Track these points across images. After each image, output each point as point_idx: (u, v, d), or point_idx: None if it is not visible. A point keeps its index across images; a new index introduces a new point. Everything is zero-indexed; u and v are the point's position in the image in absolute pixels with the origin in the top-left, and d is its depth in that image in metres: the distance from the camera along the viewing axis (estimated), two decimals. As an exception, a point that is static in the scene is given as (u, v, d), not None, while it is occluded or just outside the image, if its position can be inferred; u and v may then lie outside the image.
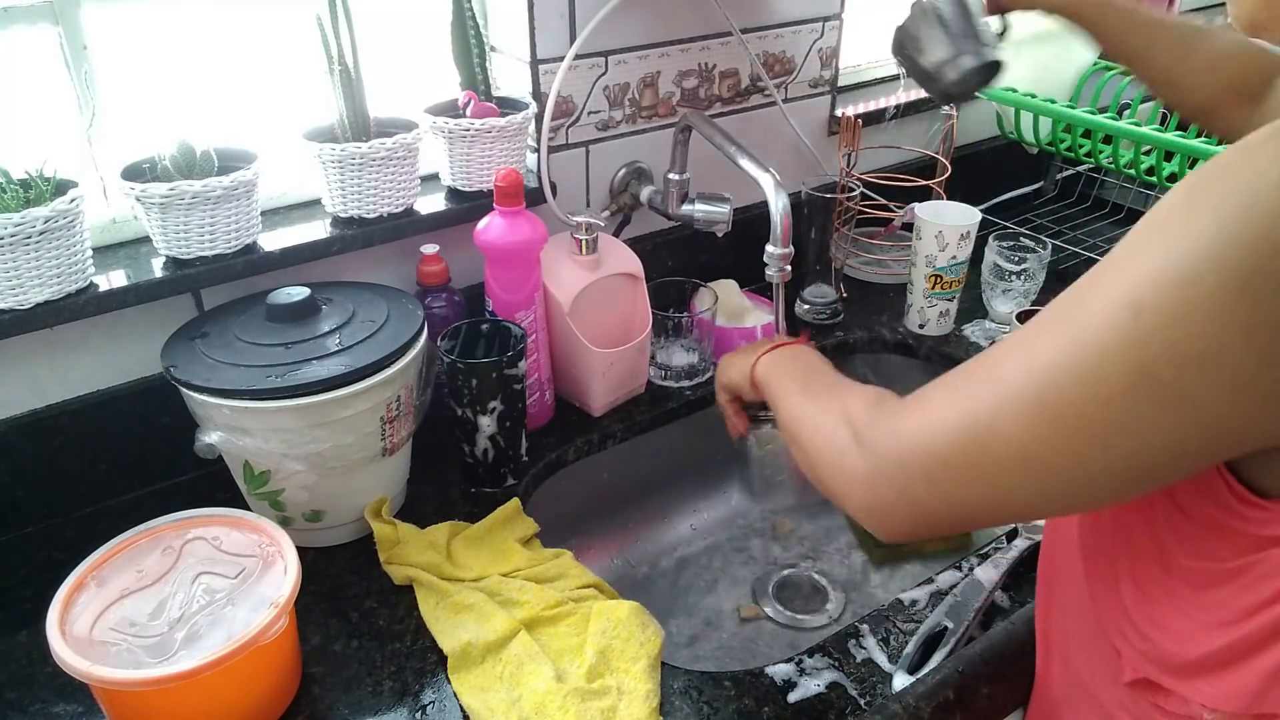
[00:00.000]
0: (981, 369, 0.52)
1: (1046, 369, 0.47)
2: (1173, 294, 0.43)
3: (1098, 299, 0.46)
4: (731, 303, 1.26)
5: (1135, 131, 1.27)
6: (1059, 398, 0.47)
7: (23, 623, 0.84)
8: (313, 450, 0.85)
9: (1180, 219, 0.44)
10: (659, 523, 1.20)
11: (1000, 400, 0.49)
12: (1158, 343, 0.44)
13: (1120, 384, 0.45)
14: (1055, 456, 0.48)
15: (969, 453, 0.51)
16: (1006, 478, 0.50)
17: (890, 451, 0.55)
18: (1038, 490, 0.50)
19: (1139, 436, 0.46)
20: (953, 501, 0.53)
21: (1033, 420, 0.48)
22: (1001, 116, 1.49)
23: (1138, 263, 0.45)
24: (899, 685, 0.77)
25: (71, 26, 0.89)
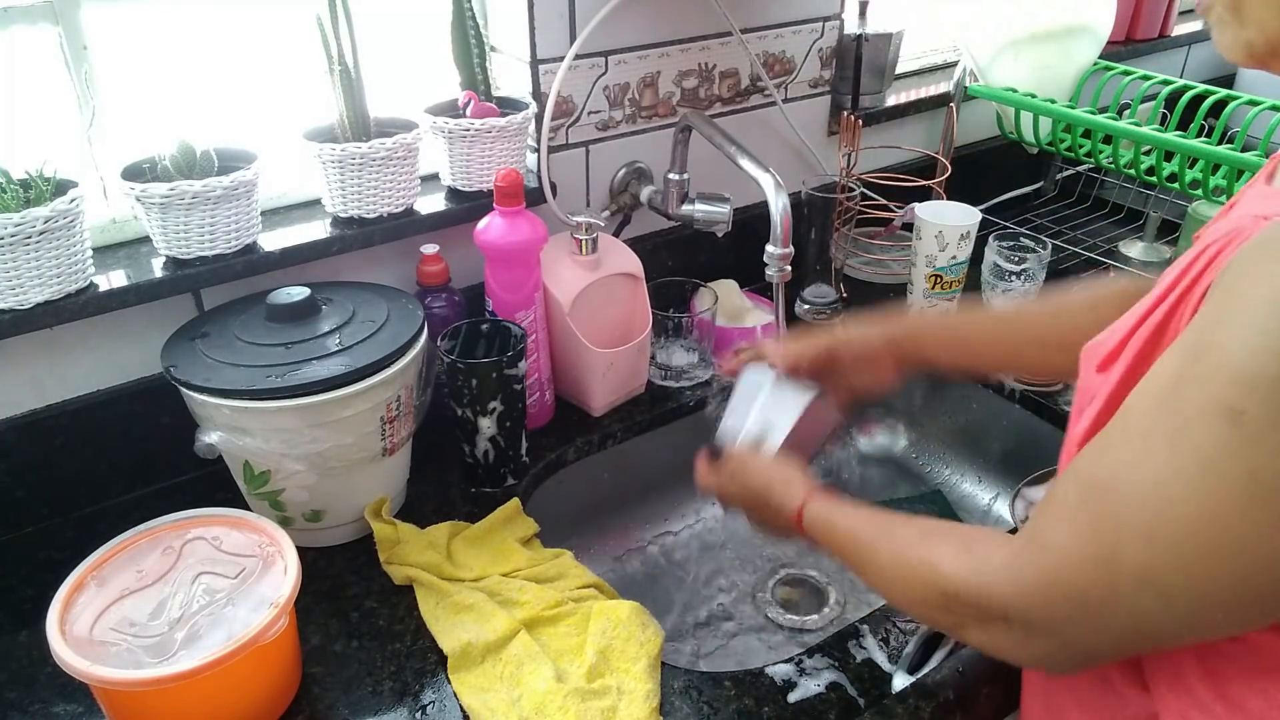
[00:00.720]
0: (1092, 496, 0.49)
1: (1159, 489, 0.45)
2: (1270, 394, 0.41)
3: (1193, 403, 0.44)
4: (731, 303, 1.26)
5: (1135, 131, 1.27)
6: (1179, 522, 0.45)
7: (23, 623, 0.84)
8: (313, 450, 0.85)
9: (1264, 303, 0.42)
10: (659, 523, 1.20)
11: (1116, 528, 0.47)
12: (1265, 449, 0.42)
13: (1229, 497, 0.43)
14: (1183, 585, 0.46)
15: (1104, 588, 0.48)
16: (1142, 607, 0.47)
17: (1029, 611, 0.52)
18: (1169, 614, 0.47)
19: (1258, 549, 0.43)
20: (1107, 633, 0.50)
21: (1151, 545, 0.46)
22: (1001, 116, 1.49)
23: (1229, 361, 0.43)
24: (899, 685, 0.77)
25: (71, 26, 0.89)
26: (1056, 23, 1.42)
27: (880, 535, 0.65)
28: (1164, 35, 1.80)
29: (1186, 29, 1.85)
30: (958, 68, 1.45)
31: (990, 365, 0.91)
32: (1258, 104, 1.33)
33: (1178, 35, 1.82)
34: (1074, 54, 1.47)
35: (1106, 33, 1.48)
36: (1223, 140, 1.24)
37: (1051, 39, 1.43)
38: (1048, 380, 1.15)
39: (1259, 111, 1.32)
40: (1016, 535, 0.55)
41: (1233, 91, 1.36)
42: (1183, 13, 1.88)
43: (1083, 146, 1.39)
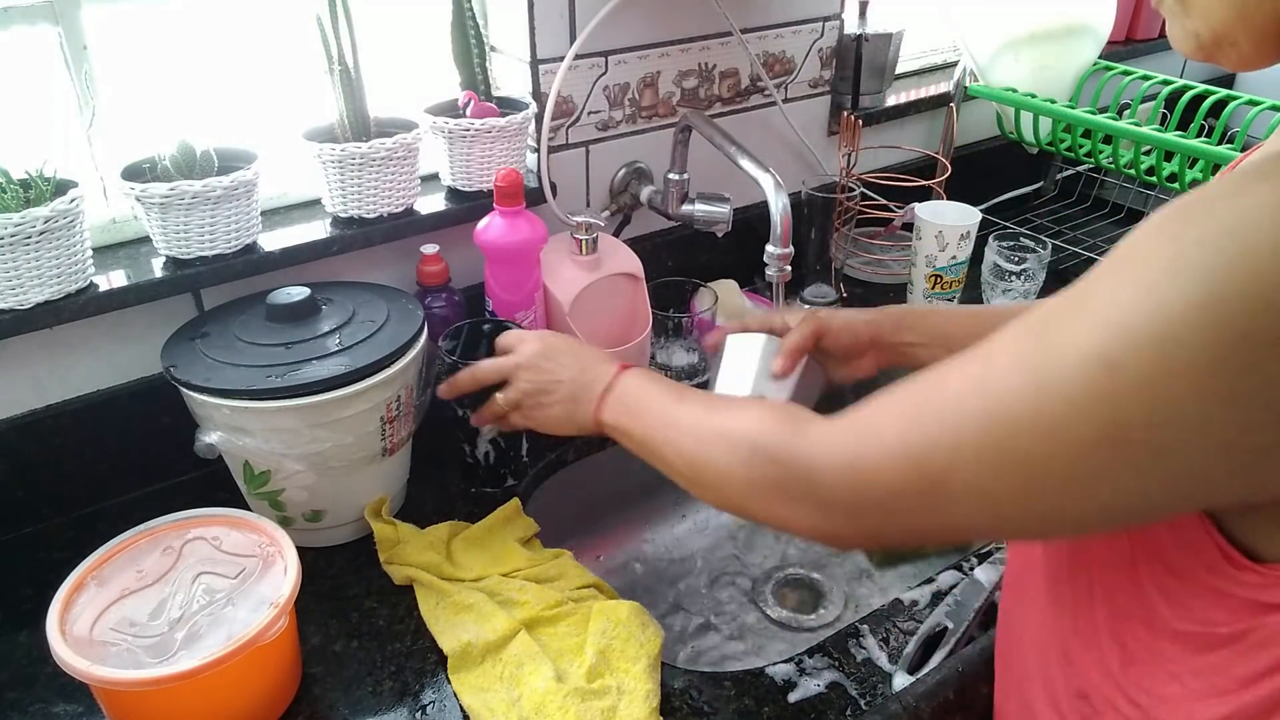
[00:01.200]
0: (938, 400, 0.49)
1: (1008, 417, 0.45)
2: (1152, 354, 0.41)
3: (1068, 346, 0.44)
4: (731, 303, 1.26)
5: (1135, 131, 1.27)
6: (1021, 447, 0.45)
7: (23, 623, 0.84)
8: (313, 450, 0.85)
9: (1161, 264, 0.41)
10: (659, 523, 1.21)
11: (957, 443, 0.47)
12: (1133, 404, 0.42)
13: (1088, 440, 0.43)
14: (1015, 502, 0.47)
15: (922, 489, 0.49)
16: (962, 511, 0.48)
17: (839, 486, 0.53)
18: (993, 524, 0.49)
19: (1104, 491, 0.44)
20: (906, 526, 0.52)
21: (993, 468, 0.46)
22: (1001, 116, 1.49)
23: (1114, 312, 0.42)
24: (899, 685, 0.77)
25: (71, 26, 0.89)
26: (1057, 23, 1.42)
27: (681, 398, 0.66)
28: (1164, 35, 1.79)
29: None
30: (957, 68, 1.45)
31: None
32: (1258, 104, 1.33)
33: (1178, 35, 1.82)
34: (1074, 54, 1.47)
35: (1107, 32, 1.48)
36: (1223, 140, 1.24)
37: (1052, 39, 1.43)
38: None
39: (1259, 111, 1.32)
40: (838, 418, 0.55)
41: (1233, 91, 1.36)
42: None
43: (1083, 146, 1.39)
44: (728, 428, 0.61)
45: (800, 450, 0.55)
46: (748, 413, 0.61)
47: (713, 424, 0.63)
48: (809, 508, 0.55)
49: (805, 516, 0.55)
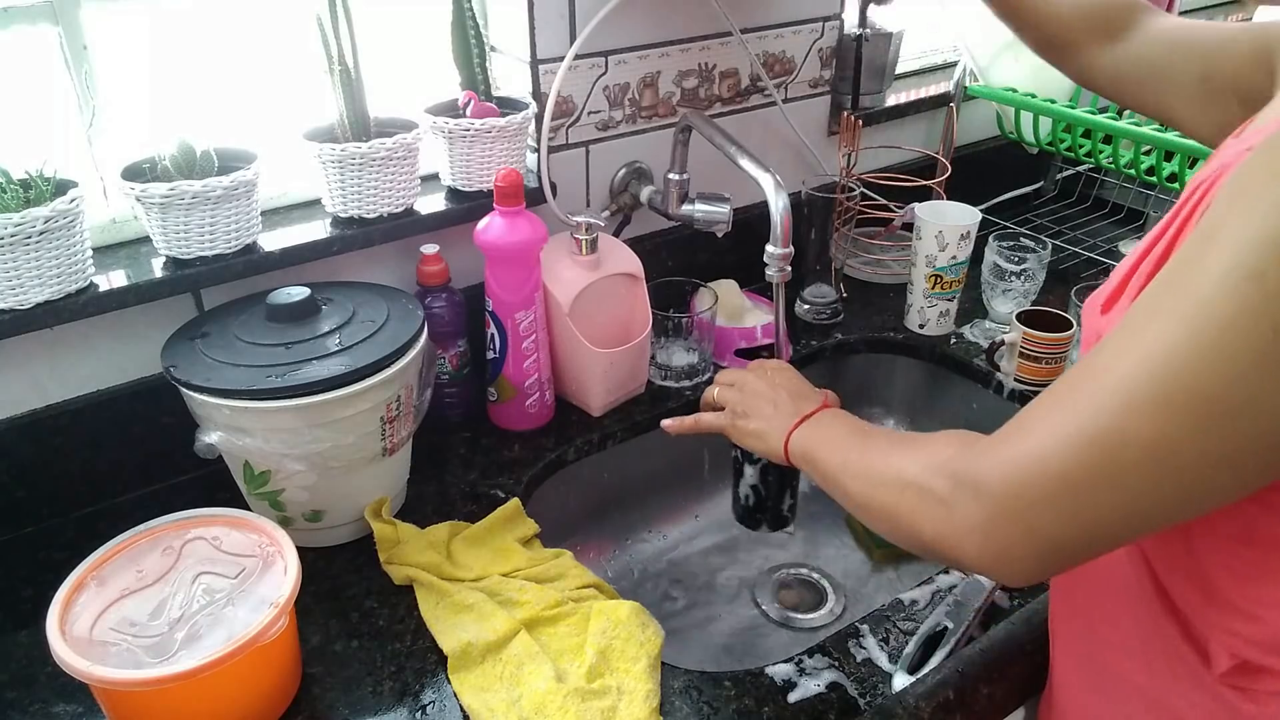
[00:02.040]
0: (1091, 377, 0.48)
1: (1166, 358, 0.44)
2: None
3: (1209, 274, 0.43)
4: (731, 303, 1.26)
5: (1135, 131, 1.27)
6: (1188, 385, 0.44)
7: (23, 623, 0.84)
8: (313, 450, 0.85)
9: (1273, 184, 0.42)
10: (659, 523, 1.21)
11: (1124, 403, 0.46)
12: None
13: (1251, 357, 0.42)
14: (1194, 447, 0.45)
15: (1097, 466, 0.47)
16: (1143, 482, 0.46)
17: (1005, 486, 0.50)
18: (1177, 488, 0.46)
19: (1276, 404, 0.43)
20: (1083, 522, 0.49)
21: (1164, 415, 0.45)
22: (1001, 116, 1.49)
23: (1248, 229, 0.42)
24: (899, 685, 0.77)
25: (71, 26, 0.89)
26: None
27: (871, 440, 0.66)
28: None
29: (1186, 29, 1.85)
30: (957, 68, 1.45)
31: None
32: None
33: (1178, 35, 1.82)
34: None
35: None
36: None
37: None
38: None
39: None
40: (1000, 429, 0.54)
41: None
42: (1183, 13, 1.88)
43: (1083, 146, 1.39)
44: (896, 467, 0.60)
45: (963, 464, 0.54)
46: (917, 451, 0.60)
47: (887, 466, 0.62)
48: (981, 519, 0.52)
49: (975, 531, 0.52)
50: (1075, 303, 1.19)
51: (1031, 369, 1.15)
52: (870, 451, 0.65)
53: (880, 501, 0.61)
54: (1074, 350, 1.16)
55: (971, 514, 0.52)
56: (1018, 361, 1.16)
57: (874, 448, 0.65)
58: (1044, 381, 1.16)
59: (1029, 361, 1.15)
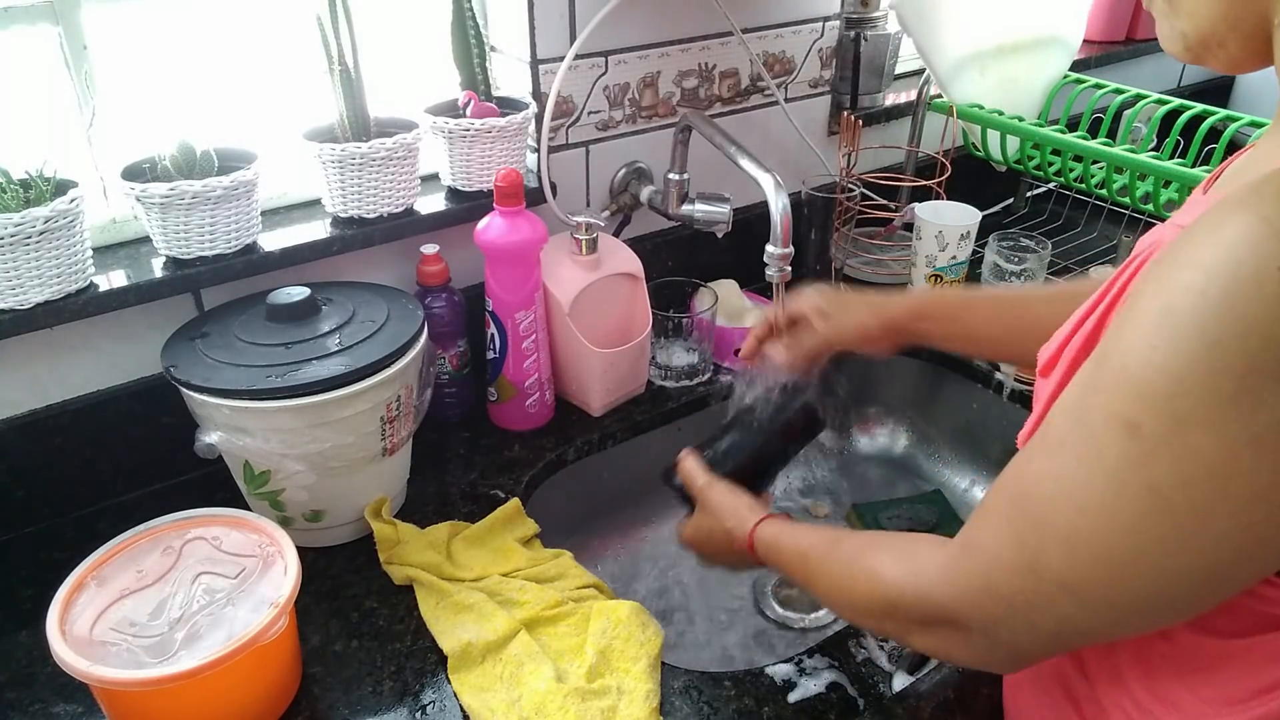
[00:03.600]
0: (1012, 503, 0.50)
1: (1070, 500, 0.45)
2: (1165, 409, 0.41)
3: (1097, 418, 0.44)
4: (731, 303, 1.26)
5: (1106, 151, 1.22)
6: (1087, 531, 0.45)
7: (23, 623, 0.84)
8: (313, 450, 0.85)
9: (1155, 318, 0.41)
10: (659, 523, 1.20)
11: (1038, 540, 0.47)
12: (1162, 461, 0.41)
13: (1136, 511, 0.43)
14: (1095, 587, 0.46)
15: (1032, 592, 0.48)
16: (1063, 609, 0.48)
17: (971, 611, 0.52)
18: (1092, 618, 0.48)
19: (1166, 563, 0.43)
20: (1042, 633, 0.50)
21: (1071, 557, 0.46)
22: (968, 133, 1.42)
23: (1125, 374, 0.43)
24: (899, 685, 0.77)
25: (71, 26, 0.89)
26: (1025, 35, 1.37)
27: (827, 550, 0.65)
28: (1164, 35, 1.79)
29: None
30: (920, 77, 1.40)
31: (990, 352, 0.91)
32: (1260, 125, 1.28)
33: (1177, 35, 1.82)
34: (1043, 67, 1.42)
35: (1077, 44, 1.45)
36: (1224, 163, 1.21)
37: (1019, 52, 1.38)
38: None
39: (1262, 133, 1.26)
40: (952, 541, 0.55)
41: (1234, 113, 1.31)
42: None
43: (1052, 165, 1.34)
44: (861, 585, 0.61)
45: (927, 589, 0.55)
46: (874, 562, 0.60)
47: (846, 581, 0.63)
48: (957, 637, 0.54)
49: (955, 646, 0.55)
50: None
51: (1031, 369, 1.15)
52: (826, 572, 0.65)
53: (858, 610, 0.62)
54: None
55: (949, 637, 0.54)
56: (1018, 361, 1.16)
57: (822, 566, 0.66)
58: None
59: (1029, 361, 1.15)
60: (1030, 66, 1.41)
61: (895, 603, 0.57)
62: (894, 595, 0.57)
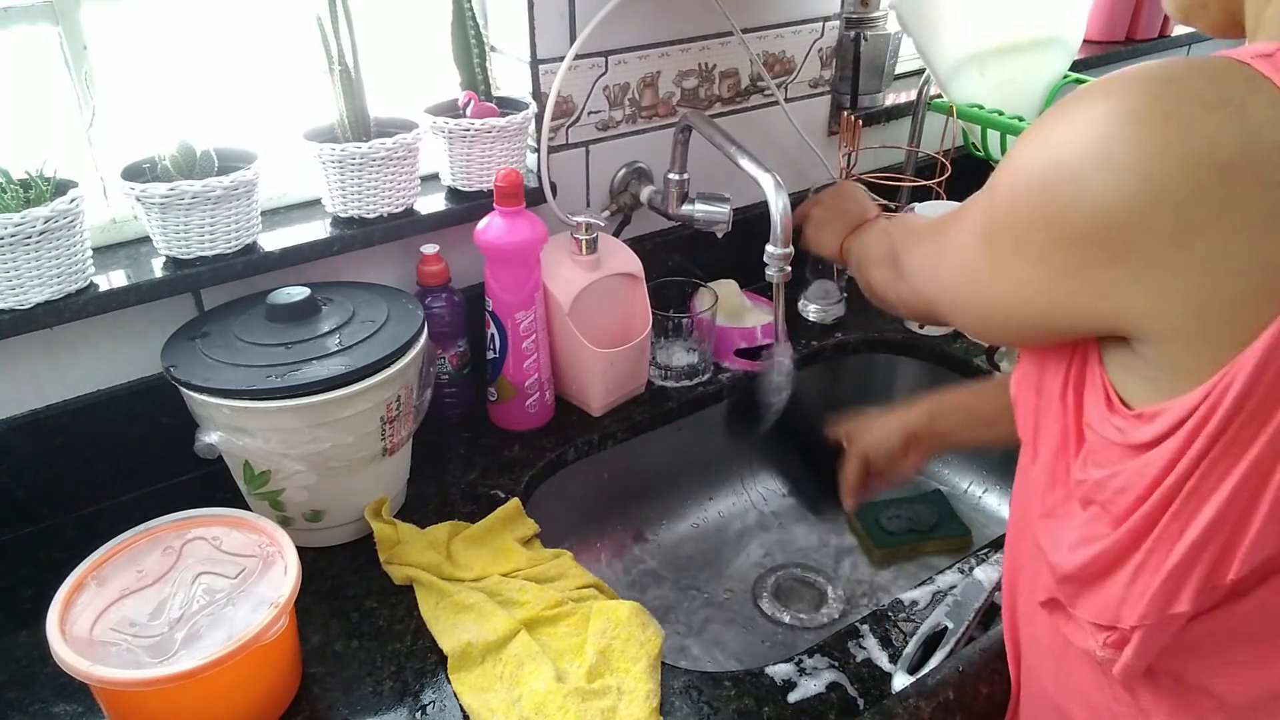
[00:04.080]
0: (938, 247, 0.66)
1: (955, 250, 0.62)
2: (980, 222, 0.57)
3: (966, 207, 0.61)
4: (731, 303, 1.26)
5: None
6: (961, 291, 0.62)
7: (23, 623, 0.84)
8: (313, 450, 0.85)
9: (1010, 157, 0.54)
10: (659, 523, 1.21)
11: (940, 284, 0.66)
12: (960, 249, 0.60)
13: (946, 270, 0.63)
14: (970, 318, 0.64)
15: (930, 299, 0.68)
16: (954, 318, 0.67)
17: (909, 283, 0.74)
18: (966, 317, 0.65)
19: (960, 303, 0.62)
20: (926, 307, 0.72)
21: (954, 277, 0.62)
22: (967, 132, 1.41)
23: (986, 191, 0.57)
24: (899, 685, 0.77)
25: (71, 26, 0.89)
26: (1025, 35, 1.37)
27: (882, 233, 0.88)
28: (1164, 35, 1.79)
29: (1186, 29, 1.85)
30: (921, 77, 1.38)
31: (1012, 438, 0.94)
32: None
33: (1177, 35, 1.82)
34: (1043, 67, 1.43)
35: (1077, 44, 1.45)
36: None
37: (1019, 52, 1.38)
38: None
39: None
40: (923, 240, 0.71)
41: None
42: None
43: None
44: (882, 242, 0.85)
45: (902, 253, 0.77)
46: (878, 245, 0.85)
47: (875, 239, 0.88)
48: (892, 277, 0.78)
49: (892, 284, 0.79)
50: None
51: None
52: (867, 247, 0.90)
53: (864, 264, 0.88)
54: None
55: (891, 282, 0.80)
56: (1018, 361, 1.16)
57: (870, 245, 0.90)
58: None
59: (1029, 361, 1.15)
60: (1030, 66, 1.41)
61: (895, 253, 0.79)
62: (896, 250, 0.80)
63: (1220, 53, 0.49)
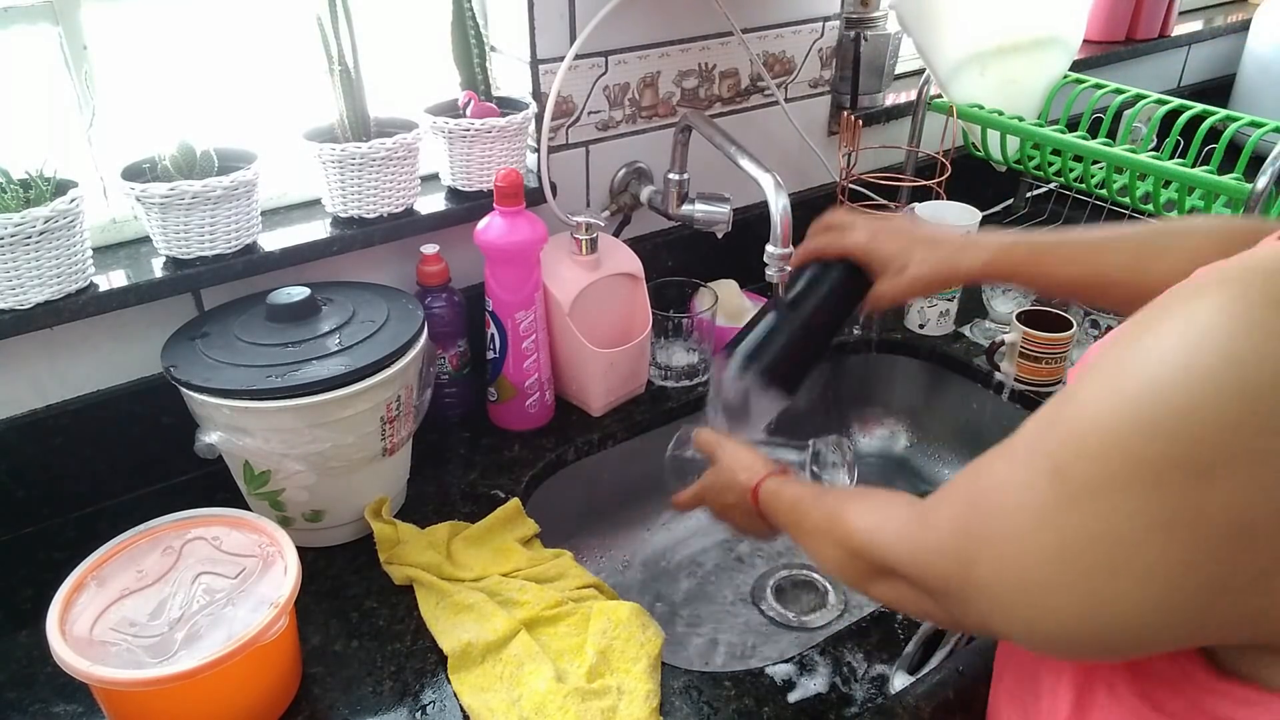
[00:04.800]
0: (975, 501, 0.50)
1: (1008, 517, 0.46)
2: (1090, 468, 0.41)
3: (1042, 450, 0.44)
4: (731, 303, 1.26)
5: (1106, 151, 1.21)
6: (1013, 551, 0.46)
7: (23, 623, 0.84)
8: (313, 450, 0.85)
9: (1108, 375, 0.41)
10: (659, 523, 1.20)
11: (980, 539, 0.48)
12: (1076, 516, 0.42)
13: (1047, 552, 0.43)
14: (1011, 606, 0.47)
15: (958, 579, 0.50)
16: (980, 607, 0.49)
17: (909, 570, 0.56)
18: (1007, 626, 0.48)
19: (1071, 608, 0.43)
20: (966, 611, 0.52)
21: (996, 561, 0.47)
22: (967, 133, 1.42)
23: (1071, 419, 0.43)
24: (899, 685, 0.77)
25: (71, 26, 0.89)
26: (1025, 35, 1.37)
27: (815, 499, 0.70)
28: (1164, 35, 1.80)
29: (1186, 29, 1.85)
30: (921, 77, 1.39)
31: (1062, 298, 0.88)
32: (1260, 125, 1.27)
33: (1177, 35, 1.82)
34: (1043, 67, 1.42)
35: (1077, 44, 1.45)
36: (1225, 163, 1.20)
37: (1019, 52, 1.38)
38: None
39: (1263, 133, 1.25)
40: (916, 505, 0.57)
41: (1233, 112, 1.30)
42: (1183, 13, 1.88)
43: (1052, 165, 1.34)
44: (833, 531, 0.65)
45: (882, 544, 0.58)
46: (846, 511, 0.64)
47: (822, 527, 0.67)
48: (904, 592, 0.57)
49: (903, 599, 0.58)
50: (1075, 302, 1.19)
51: (1031, 369, 1.15)
52: (812, 518, 0.69)
53: (826, 555, 0.66)
54: (1074, 350, 1.16)
55: (898, 591, 0.59)
56: (1018, 361, 1.16)
57: (811, 513, 0.70)
58: (1044, 381, 1.16)
59: (1029, 361, 1.15)
60: (1030, 66, 1.41)
61: (857, 550, 0.61)
62: (856, 543, 0.61)
63: None
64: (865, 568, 0.61)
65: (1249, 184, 1.08)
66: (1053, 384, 1.16)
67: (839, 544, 0.63)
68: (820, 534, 0.66)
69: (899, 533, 0.57)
